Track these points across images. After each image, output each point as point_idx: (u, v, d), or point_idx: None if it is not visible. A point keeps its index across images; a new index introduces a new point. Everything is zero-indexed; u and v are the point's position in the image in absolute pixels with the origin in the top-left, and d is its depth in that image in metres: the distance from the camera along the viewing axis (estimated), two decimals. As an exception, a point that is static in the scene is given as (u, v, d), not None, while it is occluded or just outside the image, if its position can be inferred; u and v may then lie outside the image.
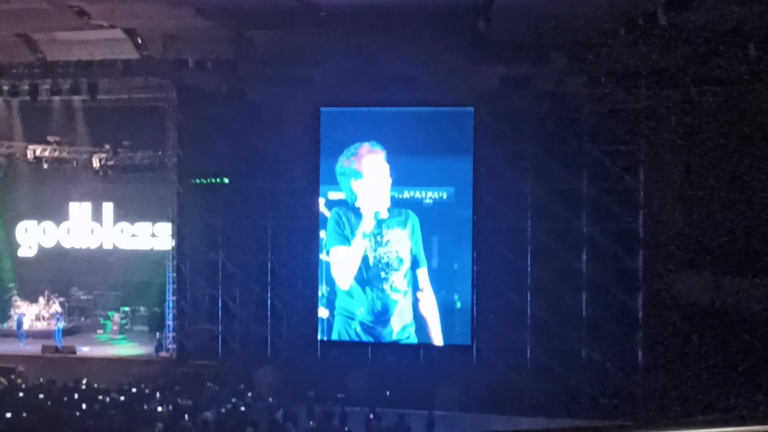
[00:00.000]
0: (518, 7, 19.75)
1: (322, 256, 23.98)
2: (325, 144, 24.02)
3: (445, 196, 23.47)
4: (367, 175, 23.70)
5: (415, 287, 23.53)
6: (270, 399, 20.69)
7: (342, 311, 23.90)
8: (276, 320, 24.85)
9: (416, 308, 23.50)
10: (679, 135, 21.93)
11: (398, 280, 23.59)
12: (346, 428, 18.73)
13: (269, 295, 24.92)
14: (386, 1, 20.06)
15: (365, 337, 23.79)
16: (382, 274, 23.62)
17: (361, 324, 23.73)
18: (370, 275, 23.66)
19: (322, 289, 24.03)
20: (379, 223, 23.61)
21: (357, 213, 23.70)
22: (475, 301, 23.34)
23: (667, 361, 21.62)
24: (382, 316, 23.64)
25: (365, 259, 23.61)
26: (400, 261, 23.59)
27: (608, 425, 3.86)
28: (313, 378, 22.13)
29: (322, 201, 23.89)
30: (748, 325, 20.08)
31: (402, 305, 23.61)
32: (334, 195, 23.84)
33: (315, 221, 23.96)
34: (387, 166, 23.60)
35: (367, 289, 23.70)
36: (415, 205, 23.64)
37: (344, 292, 23.84)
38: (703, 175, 21.58)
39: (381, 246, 23.62)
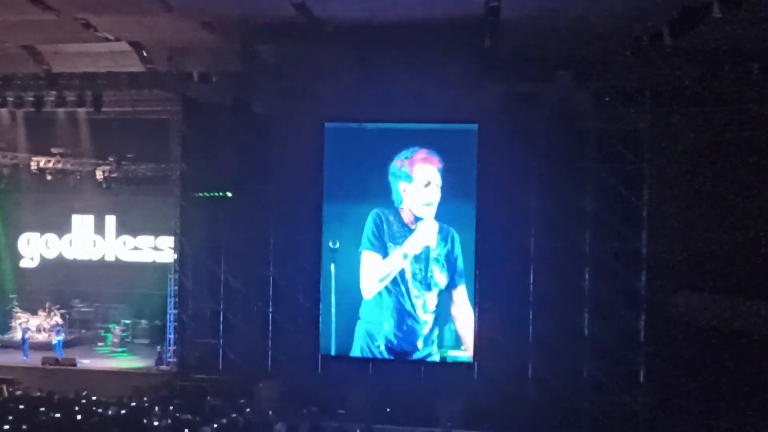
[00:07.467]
0: (524, 24, 19.76)
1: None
2: (329, 159, 24.02)
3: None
4: (417, 182, 23.59)
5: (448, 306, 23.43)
6: (270, 413, 20.57)
7: (365, 326, 23.78)
8: (277, 334, 24.77)
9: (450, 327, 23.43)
10: (684, 154, 21.93)
11: (430, 300, 23.46)
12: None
13: (271, 309, 24.85)
14: (392, 17, 20.07)
15: (387, 356, 23.57)
16: (414, 292, 23.41)
17: (386, 342, 23.58)
18: (400, 290, 23.52)
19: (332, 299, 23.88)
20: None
21: (399, 219, 23.64)
22: (476, 318, 23.25)
23: (669, 380, 21.55)
24: (408, 335, 23.51)
25: (402, 272, 23.50)
26: (435, 282, 23.48)
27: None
28: (313, 392, 22.05)
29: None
30: (753, 346, 20.01)
31: (429, 326, 23.47)
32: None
33: (318, 236, 23.91)
34: (440, 178, 23.47)
35: (394, 303, 23.55)
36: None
37: (369, 304, 23.71)
38: (708, 194, 21.54)
39: (419, 262, 23.50)
